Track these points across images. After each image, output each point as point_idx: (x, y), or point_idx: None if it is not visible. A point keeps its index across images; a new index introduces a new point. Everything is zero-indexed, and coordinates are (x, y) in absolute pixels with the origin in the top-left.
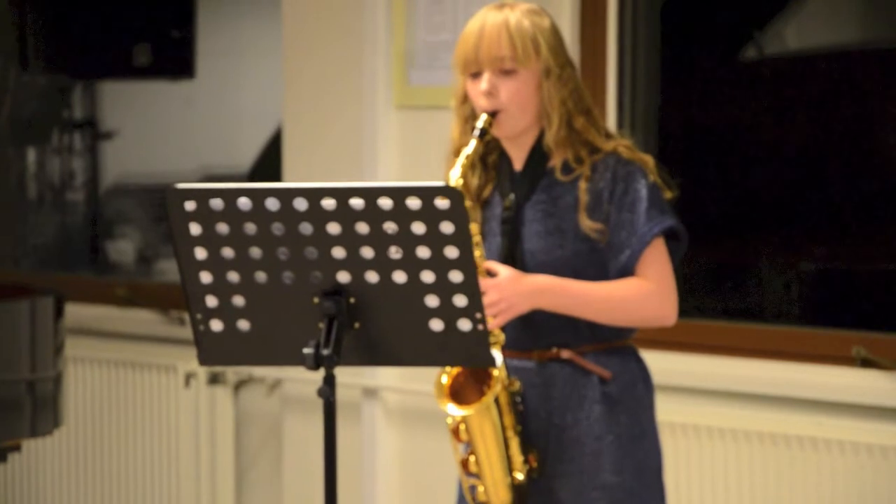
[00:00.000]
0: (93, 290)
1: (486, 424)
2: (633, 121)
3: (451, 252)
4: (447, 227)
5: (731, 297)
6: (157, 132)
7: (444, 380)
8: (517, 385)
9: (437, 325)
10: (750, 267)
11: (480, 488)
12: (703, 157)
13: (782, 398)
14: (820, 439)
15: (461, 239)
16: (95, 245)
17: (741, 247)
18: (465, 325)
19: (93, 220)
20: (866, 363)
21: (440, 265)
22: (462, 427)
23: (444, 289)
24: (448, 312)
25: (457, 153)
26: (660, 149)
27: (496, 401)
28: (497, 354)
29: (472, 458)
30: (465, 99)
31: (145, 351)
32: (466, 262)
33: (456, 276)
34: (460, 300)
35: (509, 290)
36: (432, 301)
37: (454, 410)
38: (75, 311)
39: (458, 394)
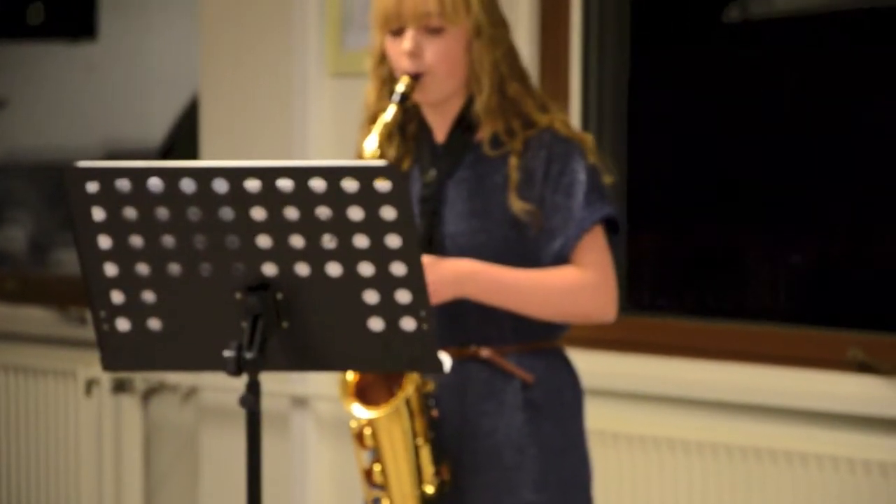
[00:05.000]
0: None
1: (396, 429)
2: (599, 89)
3: (393, 241)
4: (388, 213)
5: (707, 292)
6: (53, 101)
7: (350, 376)
8: (430, 386)
9: (376, 324)
10: (730, 258)
11: (385, 501)
12: (677, 131)
13: (766, 407)
14: (810, 454)
15: (404, 226)
16: None
17: (721, 235)
18: (408, 324)
19: None
20: (864, 368)
21: (381, 256)
22: (367, 432)
23: (385, 283)
24: (389, 310)
25: (373, 121)
26: (629, 121)
27: (407, 403)
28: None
29: (376, 468)
30: (383, 59)
31: (39, 354)
32: (410, 253)
33: (399, 269)
34: (403, 296)
35: (430, 275)
36: (371, 297)
37: (361, 412)
38: None
39: (364, 392)
